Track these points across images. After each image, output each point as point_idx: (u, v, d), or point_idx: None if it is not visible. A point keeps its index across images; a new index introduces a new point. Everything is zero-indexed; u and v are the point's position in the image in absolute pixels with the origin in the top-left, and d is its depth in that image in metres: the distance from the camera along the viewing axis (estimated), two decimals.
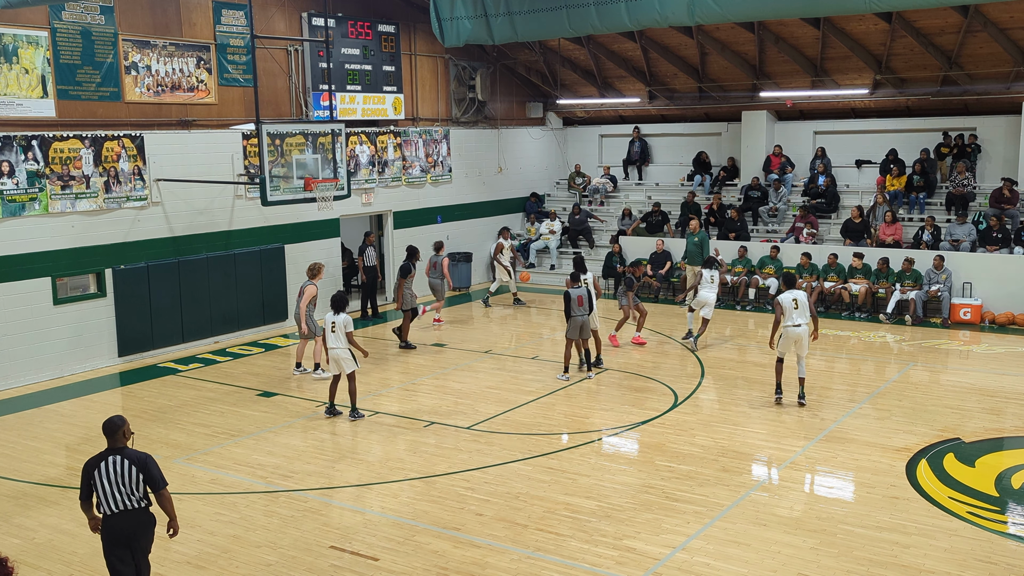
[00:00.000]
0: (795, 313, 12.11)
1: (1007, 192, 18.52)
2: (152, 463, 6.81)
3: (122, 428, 6.85)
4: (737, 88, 21.70)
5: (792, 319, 12.09)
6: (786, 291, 12.39)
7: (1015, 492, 9.40)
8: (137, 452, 6.84)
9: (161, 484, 6.83)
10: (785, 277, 12.82)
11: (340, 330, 12.03)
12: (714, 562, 7.97)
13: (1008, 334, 16.46)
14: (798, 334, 12.09)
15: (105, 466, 6.72)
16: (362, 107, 19.26)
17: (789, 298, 12.18)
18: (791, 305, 12.12)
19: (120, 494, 6.72)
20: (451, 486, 9.83)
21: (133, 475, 6.72)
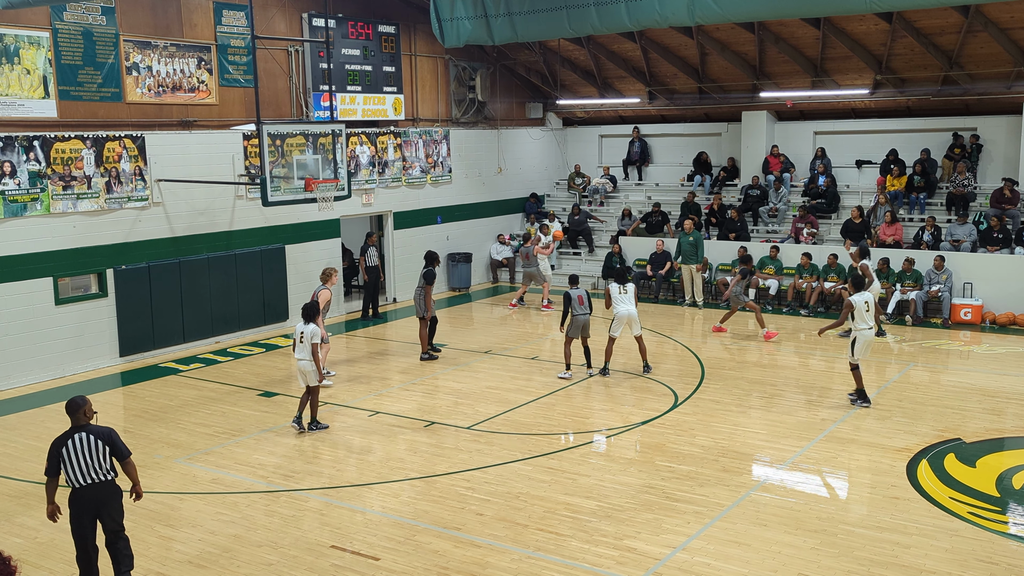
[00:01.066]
0: (868, 316, 11.90)
1: (1008, 192, 18.53)
2: (116, 436, 7.41)
3: (83, 407, 7.44)
4: (737, 88, 21.72)
5: (866, 322, 11.88)
6: (856, 293, 12.06)
7: (1016, 492, 9.41)
8: (101, 427, 7.42)
9: (126, 453, 7.46)
10: (853, 279, 12.36)
11: (307, 341, 11.51)
12: (714, 562, 7.97)
13: (1009, 334, 16.47)
14: (872, 337, 12.03)
15: (72, 443, 7.26)
16: (362, 108, 19.27)
17: (861, 300, 11.91)
18: (863, 307, 11.88)
19: (89, 468, 7.26)
20: (452, 486, 9.84)
21: (100, 448, 7.29)
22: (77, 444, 7.24)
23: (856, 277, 12.41)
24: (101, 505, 7.35)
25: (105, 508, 7.38)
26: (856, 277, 12.41)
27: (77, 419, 7.37)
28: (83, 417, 7.40)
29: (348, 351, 16.43)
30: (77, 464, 7.23)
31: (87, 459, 7.24)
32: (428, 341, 15.35)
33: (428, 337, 15.36)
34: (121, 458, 7.38)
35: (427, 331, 15.25)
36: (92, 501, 7.31)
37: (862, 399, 12.20)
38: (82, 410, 7.41)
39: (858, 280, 12.29)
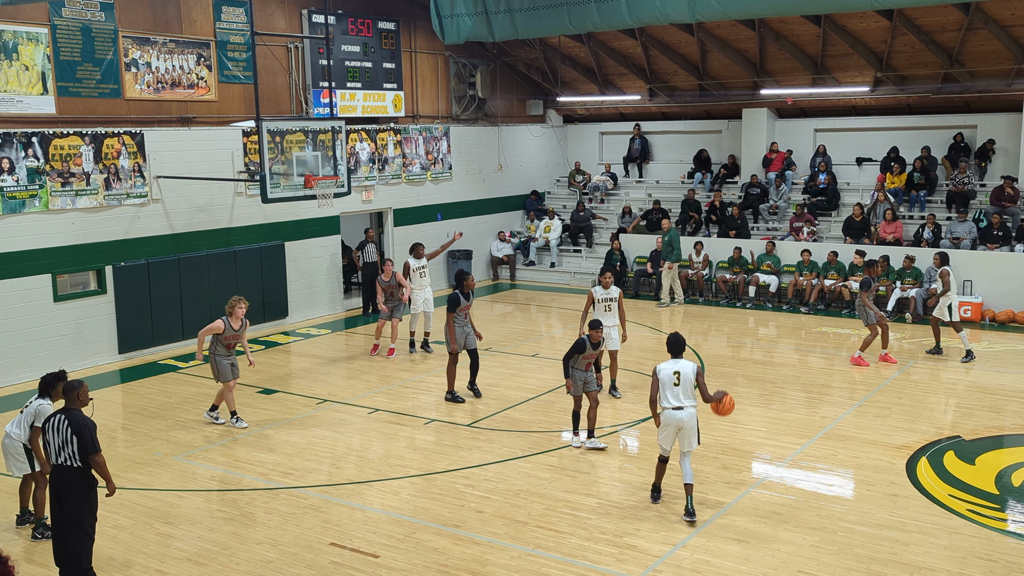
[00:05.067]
0: (676, 391, 8.85)
1: (1008, 190, 18.51)
2: (88, 430, 7.44)
3: (76, 391, 7.63)
4: (738, 86, 21.69)
5: (670, 398, 8.85)
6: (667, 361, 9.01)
7: (1015, 490, 9.40)
8: (81, 417, 7.51)
9: (91, 449, 7.44)
10: (669, 340, 9.16)
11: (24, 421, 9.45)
12: (714, 559, 7.97)
13: (1008, 332, 16.45)
14: (679, 419, 8.83)
15: (52, 423, 7.53)
16: (362, 104, 19.24)
17: (669, 370, 8.89)
18: (671, 380, 8.85)
19: (58, 449, 7.46)
20: (451, 483, 9.83)
21: (68, 435, 7.41)
22: (55, 424, 7.51)
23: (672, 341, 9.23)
24: (62, 490, 7.50)
25: (65, 494, 7.49)
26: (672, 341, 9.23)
27: (69, 401, 7.62)
28: (75, 401, 7.61)
29: (348, 348, 16.42)
30: (52, 443, 7.50)
31: (57, 441, 7.46)
32: (455, 380, 12.81)
33: (452, 375, 12.79)
34: (84, 452, 7.43)
35: (453, 368, 12.72)
36: (55, 483, 7.55)
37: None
38: (75, 393, 7.63)
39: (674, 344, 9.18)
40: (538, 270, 22.92)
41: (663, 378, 8.83)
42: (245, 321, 11.76)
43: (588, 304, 12.56)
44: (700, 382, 8.84)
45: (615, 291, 12.54)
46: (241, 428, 11.69)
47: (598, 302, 12.50)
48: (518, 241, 23.36)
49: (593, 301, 12.52)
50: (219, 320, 11.58)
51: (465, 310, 12.80)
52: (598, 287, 12.66)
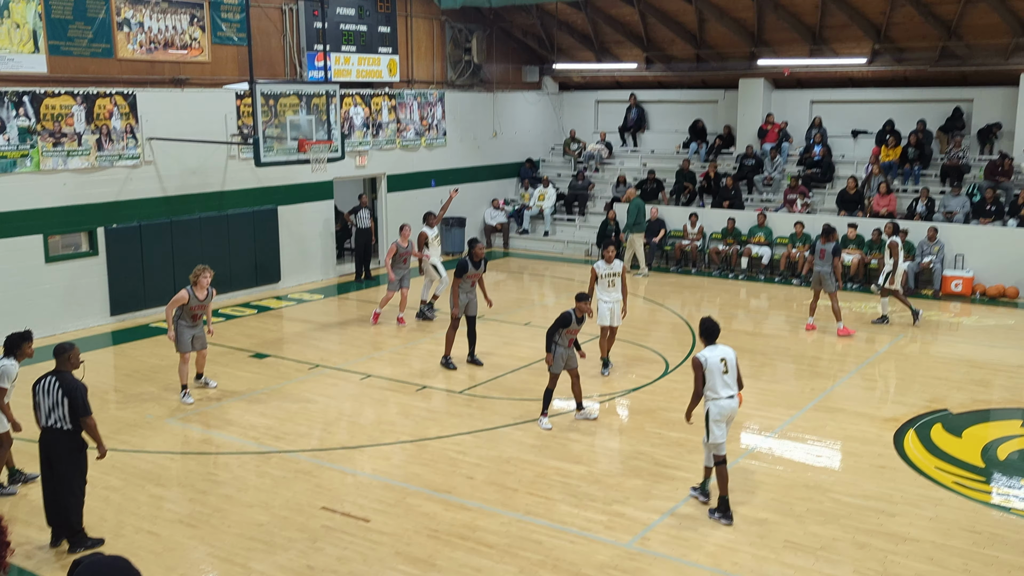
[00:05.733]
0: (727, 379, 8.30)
1: (1004, 165, 18.52)
2: (79, 393, 7.48)
3: (68, 353, 7.65)
4: (735, 56, 21.56)
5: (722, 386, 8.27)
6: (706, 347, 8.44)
7: (1001, 463, 9.50)
8: (72, 380, 7.55)
9: (82, 412, 7.48)
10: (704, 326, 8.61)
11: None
12: (702, 528, 8.05)
13: (998, 306, 16.54)
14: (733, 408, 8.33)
15: (42, 385, 7.56)
16: (357, 68, 19.08)
17: (716, 357, 8.29)
18: (719, 367, 8.27)
19: (49, 411, 7.49)
20: (442, 450, 9.89)
21: (59, 398, 7.45)
22: (45, 386, 7.53)
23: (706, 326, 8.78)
24: (51, 452, 7.55)
25: (55, 456, 7.55)
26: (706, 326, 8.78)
27: (60, 363, 7.63)
28: (66, 363, 7.64)
29: (340, 313, 16.42)
30: (41, 405, 7.53)
31: (48, 403, 7.49)
32: (453, 346, 12.87)
33: (450, 341, 12.86)
34: (75, 414, 7.47)
35: (453, 333, 12.79)
36: (45, 445, 7.58)
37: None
38: (66, 355, 7.65)
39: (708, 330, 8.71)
40: (532, 238, 22.89)
41: (712, 367, 8.13)
42: (211, 291, 11.40)
43: (592, 280, 12.34)
44: (738, 367, 8.39)
45: (618, 265, 12.32)
46: (187, 404, 11.33)
47: (601, 277, 12.26)
48: (512, 209, 23.31)
49: (596, 277, 12.28)
50: (184, 290, 11.20)
51: (473, 278, 12.85)
52: (600, 262, 12.35)
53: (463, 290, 12.73)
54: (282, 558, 7.60)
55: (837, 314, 14.56)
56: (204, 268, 11.31)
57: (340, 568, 7.42)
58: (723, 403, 8.15)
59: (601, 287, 12.28)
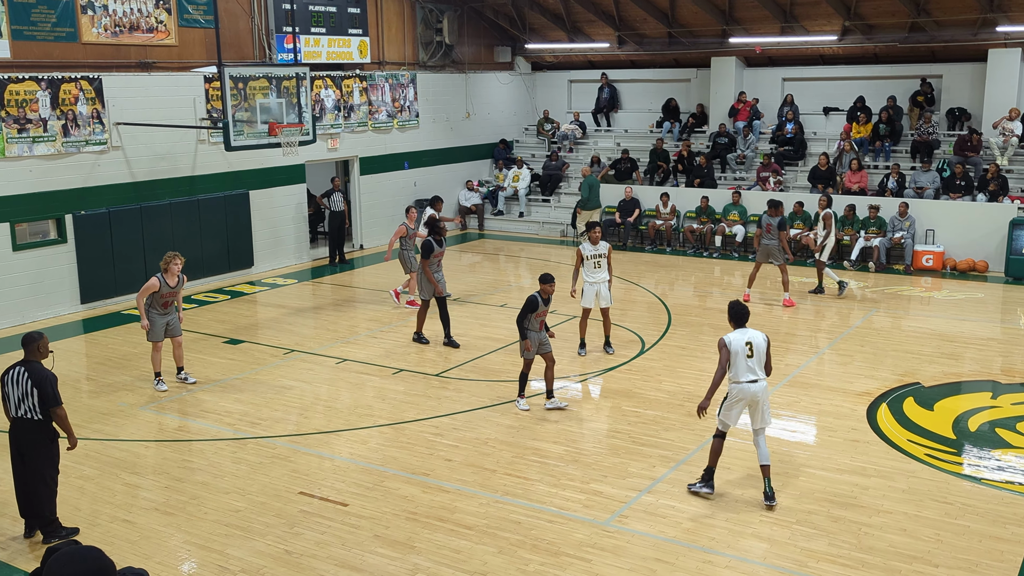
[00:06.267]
0: (750, 363, 8.08)
1: (972, 140, 18.69)
2: (48, 383, 7.38)
3: (37, 343, 7.52)
4: (706, 34, 21.55)
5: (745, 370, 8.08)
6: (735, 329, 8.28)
7: (971, 435, 9.64)
8: (41, 369, 7.43)
9: (52, 402, 7.38)
10: (732, 309, 8.41)
11: None
12: (679, 504, 8.11)
13: (969, 280, 16.73)
14: (754, 392, 8.10)
15: (10, 375, 7.44)
16: (327, 50, 18.88)
17: (741, 340, 8.12)
18: (743, 351, 8.08)
19: (18, 402, 7.38)
20: (420, 432, 9.88)
21: (28, 388, 7.35)
22: (14, 377, 7.42)
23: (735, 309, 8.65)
24: (22, 443, 7.48)
25: (26, 448, 7.48)
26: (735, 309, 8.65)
27: (29, 353, 7.52)
28: (35, 353, 7.52)
29: (315, 298, 16.33)
30: (10, 396, 7.42)
31: (17, 394, 7.38)
32: (421, 323, 13.16)
33: (422, 319, 13.17)
34: (45, 405, 7.37)
35: (424, 311, 13.08)
36: (15, 436, 7.50)
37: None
38: (35, 345, 7.53)
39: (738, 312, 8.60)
40: (507, 220, 22.85)
41: (735, 349, 8.00)
42: (182, 278, 11.24)
43: (578, 261, 12.30)
44: (768, 353, 8.15)
45: (604, 246, 12.26)
46: (161, 391, 11.26)
47: (587, 259, 12.20)
48: (486, 190, 23.24)
49: (582, 258, 12.21)
50: (154, 278, 10.99)
51: (439, 256, 12.95)
52: (586, 244, 12.28)
53: (434, 270, 12.91)
54: (260, 544, 7.57)
55: (785, 285, 14.94)
56: (175, 255, 11.14)
57: (319, 552, 7.41)
58: (742, 386, 8.02)
59: (587, 268, 12.24)
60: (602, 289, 12.25)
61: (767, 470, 8.15)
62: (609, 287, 12.36)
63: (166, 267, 11.03)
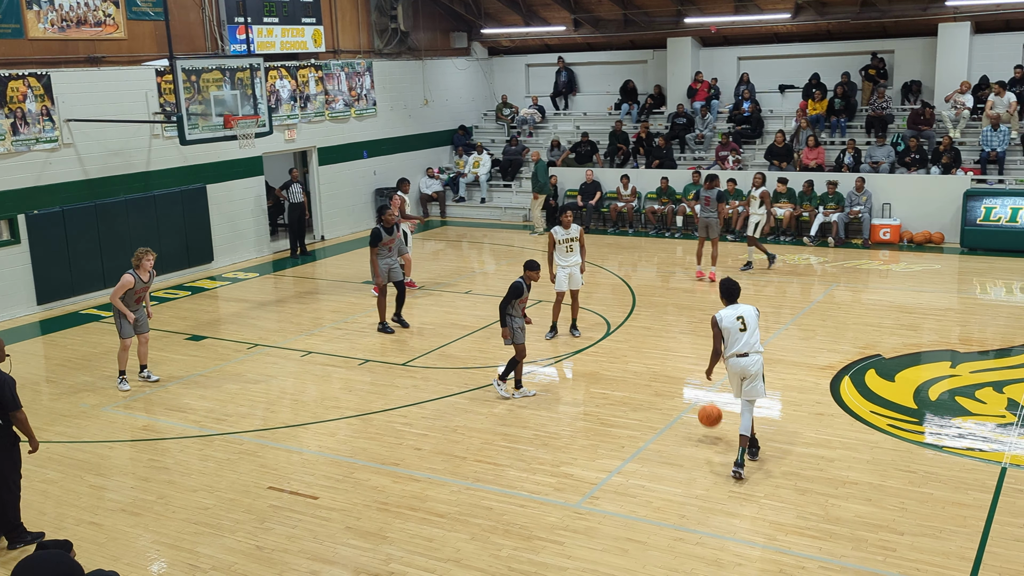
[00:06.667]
0: (743, 337, 8.26)
1: (925, 114, 18.95)
2: (7, 387, 7.27)
3: None
4: (661, 14, 21.59)
5: (737, 344, 8.26)
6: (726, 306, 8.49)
7: (932, 404, 9.81)
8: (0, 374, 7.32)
9: (11, 406, 7.27)
10: (723, 286, 8.63)
11: None
12: (649, 483, 8.17)
13: (925, 252, 17.00)
14: (744, 366, 8.27)
15: None
16: (280, 40, 18.63)
17: (732, 315, 8.33)
18: (735, 325, 8.29)
19: None
20: (388, 422, 9.85)
21: None
22: None
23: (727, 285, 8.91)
24: None
25: None
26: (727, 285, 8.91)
27: None
28: None
29: (277, 291, 16.18)
30: None
31: None
32: (386, 311, 13.18)
33: (389, 307, 13.26)
34: (5, 409, 7.24)
35: (383, 299, 13.12)
36: None
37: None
38: None
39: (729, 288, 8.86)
40: (469, 206, 22.79)
41: (727, 325, 8.20)
42: (152, 272, 11.20)
43: (550, 246, 12.32)
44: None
45: (575, 230, 12.29)
46: (124, 390, 11.13)
47: (559, 242, 12.21)
48: (447, 177, 23.15)
49: (555, 242, 12.22)
50: (127, 275, 10.86)
51: (388, 244, 12.94)
52: (558, 227, 12.26)
53: (382, 258, 12.90)
54: (230, 540, 7.51)
55: (714, 259, 15.25)
56: (146, 251, 11.07)
57: (290, 547, 7.36)
58: (733, 360, 8.22)
59: (559, 252, 12.26)
60: (575, 272, 12.30)
61: (744, 440, 8.30)
62: (582, 270, 12.41)
63: (138, 263, 10.96)
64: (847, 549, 6.98)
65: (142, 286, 11.04)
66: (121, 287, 10.86)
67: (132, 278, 10.89)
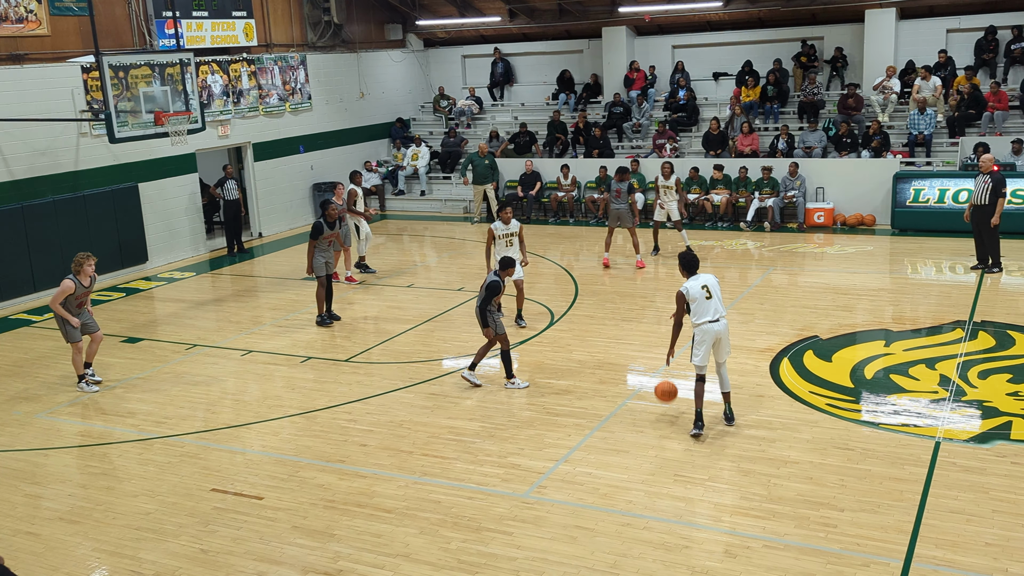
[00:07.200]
0: (709, 304, 8.74)
1: (853, 98, 19.37)
2: None
3: None
4: (596, 4, 21.69)
5: (707, 311, 8.72)
6: (689, 278, 8.91)
7: (868, 382, 10.05)
8: None
9: None
10: (683, 259, 9.10)
11: None
12: (595, 471, 8.23)
13: (858, 234, 17.39)
14: (718, 331, 8.77)
15: None
16: (211, 34, 18.27)
17: (697, 285, 8.81)
18: (702, 294, 8.77)
19: None
20: (333, 419, 9.75)
21: None
22: None
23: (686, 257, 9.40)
24: None
25: None
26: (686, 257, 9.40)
27: None
28: None
29: (215, 290, 15.90)
30: None
31: None
32: (321, 304, 13.19)
33: (321, 299, 13.19)
34: None
35: (322, 291, 13.10)
36: None
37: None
38: None
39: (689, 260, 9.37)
40: (408, 199, 22.65)
41: (694, 295, 8.69)
42: (94, 277, 10.99)
43: (489, 240, 12.37)
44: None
45: (515, 225, 12.42)
46: (91, 391, 10.92)
47: (499, 237, 12.31)
48: (386, 170, 22.97)
49: (494, 237, 12.31)
50: (67, 280, 10.65)
51: (329, 239, 13.05)
52: (498, 222, 12.38)
53: (320, 251, 12.98)
54: (174, 545, 7.37)
55: (636, 248, 15.64)
56: (87, 255, 10.88)
57: (236, 549, 7.25)
58: (706, 327, 8.68)
59: (499, 247, 12.33)
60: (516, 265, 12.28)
61: (728, 396, 9.08)
62: (524, 264, 12.52)
63: (79, 268, 10.76)
64: (790, 527, 7.12)
65: (83, 291, 10.81)
66: (61, 292, 10.62)
67: (72, 283, 10.67)
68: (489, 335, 10.24)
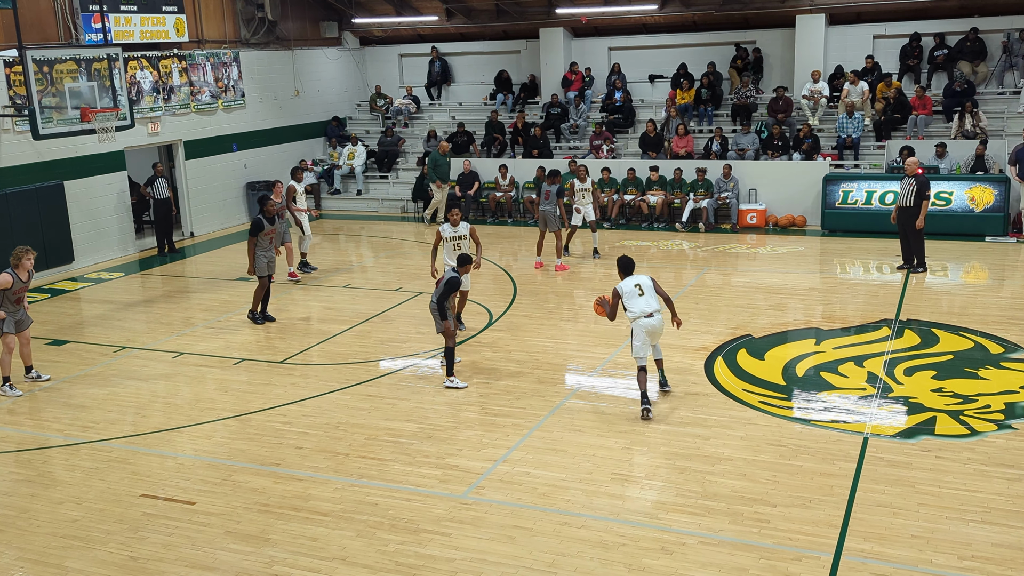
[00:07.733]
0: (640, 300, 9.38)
1: (782, 101, 19.77)
2: None
3: None
4: (533, 4, 21.76)
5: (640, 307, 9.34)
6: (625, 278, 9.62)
7: (799, 380, 10.26)
8: None
9: None
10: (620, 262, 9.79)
11: None
12: (534, 471, 8.24)
13: (789, 235, 17.75)
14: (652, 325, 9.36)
15: None
16: (140, 29, 17.83)
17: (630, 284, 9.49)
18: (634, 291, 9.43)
19: None
20: (267, 422, 9.60)
21: None
22: None
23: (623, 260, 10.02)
24: None
25: None
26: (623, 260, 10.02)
27: None
28: None
29: (145, 291, 15.53)
30: None
31: None
32: (257, 302, 13.08)
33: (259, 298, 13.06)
34: None
35: (261, 291, 12.98)
36: None
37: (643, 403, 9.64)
38: None
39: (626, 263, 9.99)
40: (344, 198, 22.43)
41: (626, 292, 9.41)
42: (32, 272, 10.81)
43: (436, 242, 12.09)
44: (659, 289, 9.54)
45: (464, 228, 12.11)
46: (15, 396, 10.60)
47: (446, 240, 12.02)
48: (321, 169, 22.71)
49: (441, 239, 12.03)
50: (5, 274, 10.41)
51: (269, 234, 12.88)
52: (446, 225, 12.09)
53: (261, 249, 12.79)
54: (102, 552, 7.16)
55: (559, 251, 15.66)
56: (26, 249, 10.67)
57: (167, 555, 7.08)
58: (642, 321, 9.32)
59: (447, 250, 12.07)
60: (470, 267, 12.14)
61: (661, 364, 9.94)
62: (476, 266, 11.86)
63: (17, 262, 10.56)
64: (724, 523, 7.22)
65: (20, 285, 10.61)
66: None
67: (10, 277, 10.46)
68: (448, 328, 10.14)
